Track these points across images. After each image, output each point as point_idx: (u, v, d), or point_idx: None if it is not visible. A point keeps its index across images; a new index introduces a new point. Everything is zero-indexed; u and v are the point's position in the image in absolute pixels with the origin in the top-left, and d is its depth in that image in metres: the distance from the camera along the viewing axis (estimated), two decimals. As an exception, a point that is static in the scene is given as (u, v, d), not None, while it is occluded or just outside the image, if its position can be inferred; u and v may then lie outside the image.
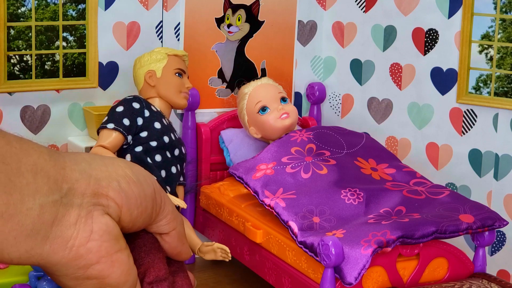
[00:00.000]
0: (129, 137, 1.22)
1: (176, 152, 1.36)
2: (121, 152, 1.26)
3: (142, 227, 0.76)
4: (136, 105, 1.24)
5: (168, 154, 1.32)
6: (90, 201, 0.66)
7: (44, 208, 0.63)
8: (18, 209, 0.61)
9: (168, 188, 1.28)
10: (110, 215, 0.68)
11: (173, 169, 1.32)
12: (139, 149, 1.22)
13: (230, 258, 1.23)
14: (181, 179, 1.38)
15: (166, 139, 1.29)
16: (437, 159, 1.81)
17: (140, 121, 1.23)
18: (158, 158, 1.27)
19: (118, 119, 1.21)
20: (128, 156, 1.22)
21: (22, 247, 0.63)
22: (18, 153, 0.61)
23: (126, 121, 1.21)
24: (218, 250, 1.27)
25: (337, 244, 1.25)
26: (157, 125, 1.26)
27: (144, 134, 1.23)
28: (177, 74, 1.33)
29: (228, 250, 1.26)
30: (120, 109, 1.23)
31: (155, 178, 0.79)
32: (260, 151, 1.63)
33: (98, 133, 1.23)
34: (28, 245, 0.63)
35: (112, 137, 1.20)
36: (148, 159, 1.24)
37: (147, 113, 1.25)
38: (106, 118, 1.26)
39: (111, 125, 1.20)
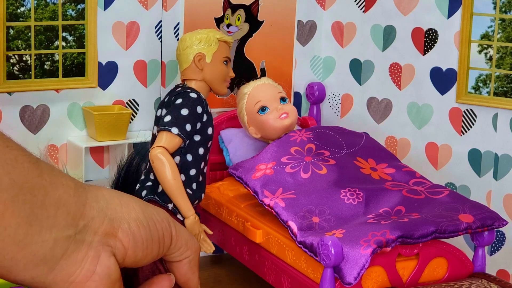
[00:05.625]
0: (187, 142, 1.23)
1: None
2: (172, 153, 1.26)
3: (147, 264, 0.79)
4: (199, 110, 1.24)
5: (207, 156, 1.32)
6: (101, 240, 0.70)
7: (58, 242, 0.66)
8: (34, 240, 0.65)
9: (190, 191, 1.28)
10: (115, 256, 0.71)
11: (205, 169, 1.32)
12: (189, 158, 1.23)
13: (213, 249, 1.24)
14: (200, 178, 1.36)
15: (210, 144, 1.29)
16: (437, 159, 1.81)
17: (198, 125, 1.24)
18: (202, 165, 1.27)
19: (182, 124, 1.22)
20: (178, 159, 1.22)
21: (28, 274, 0.66)
22: (46, 186, 0.65)
23: (188, 127, 1.23)
24: (202, 242, 1.28)
25: (337, 244, 1.24)
26: (210, 130, 1.27)
27: (197, 138, 1.25)
28: (224, 62, 1.33)
29: (211, 245, 1.27)
30: (185, 112, 1.23)
31: (168, 217, 0.81)
32: (260, 151, 1.63)
33: (158, 131, 1.23)
34: (34, 273, 0.66)
35: (175, 141, 1.23)
36: (194, 171, 1.25)
37: (204, 118, 1.25)
38: (169, 117, 1.24)
39: (175, 130, 1.21)
